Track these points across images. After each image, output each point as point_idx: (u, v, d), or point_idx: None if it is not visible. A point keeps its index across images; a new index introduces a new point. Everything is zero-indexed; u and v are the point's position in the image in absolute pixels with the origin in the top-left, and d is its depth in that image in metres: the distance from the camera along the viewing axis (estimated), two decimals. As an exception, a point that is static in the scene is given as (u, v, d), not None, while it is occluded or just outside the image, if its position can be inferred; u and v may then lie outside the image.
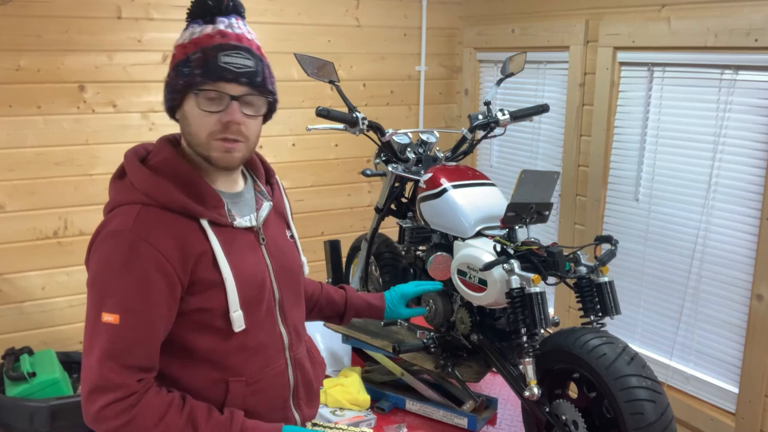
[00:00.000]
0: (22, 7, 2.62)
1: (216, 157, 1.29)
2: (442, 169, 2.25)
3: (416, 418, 2.19)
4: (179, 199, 1.26)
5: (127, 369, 1.22)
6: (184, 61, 1.27)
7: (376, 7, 3.37)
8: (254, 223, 1.39)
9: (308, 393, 1.48)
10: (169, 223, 1.25)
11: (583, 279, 1.86)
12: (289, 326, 1.44)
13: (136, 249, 1.22)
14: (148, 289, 1.22)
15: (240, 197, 1.40)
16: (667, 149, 2.47)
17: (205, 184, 1.32)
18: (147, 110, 2.91)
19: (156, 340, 1.26)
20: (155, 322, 1.24)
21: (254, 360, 1.35)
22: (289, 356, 1.42)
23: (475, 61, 3.49)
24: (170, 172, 1.30)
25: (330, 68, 2.27)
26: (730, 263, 2.27)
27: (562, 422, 1.79)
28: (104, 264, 1.24)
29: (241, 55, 1.26)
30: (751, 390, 2.20)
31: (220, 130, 1.27)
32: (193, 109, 1.28)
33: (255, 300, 1.35)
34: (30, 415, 2.36)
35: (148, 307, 1.22)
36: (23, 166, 2.71)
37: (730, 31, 2.15)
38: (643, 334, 2.63)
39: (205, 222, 1.29)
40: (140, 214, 1.25)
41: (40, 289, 2.81)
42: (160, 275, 1.22)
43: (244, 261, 1.34)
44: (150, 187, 1.27)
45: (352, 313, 1.73)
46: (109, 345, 1.21)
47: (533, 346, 1.79)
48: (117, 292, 1.22)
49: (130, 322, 1.21)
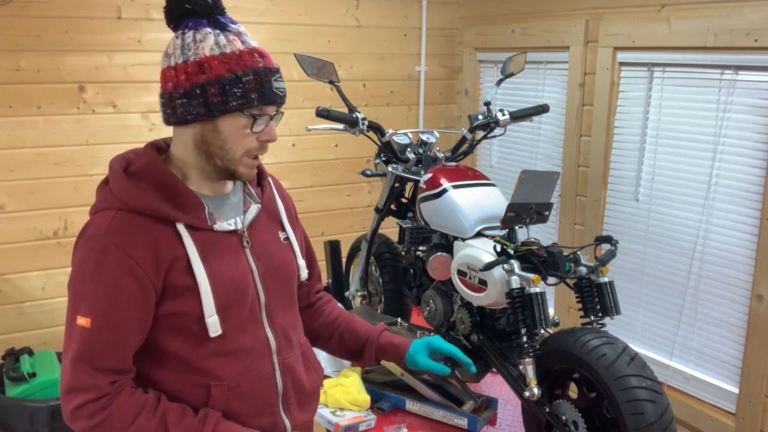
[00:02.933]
0: (22, 7, 2.62)
1: (243, 173, 1.33)
2: (442, 169, 2.25)
3: (416, 418, 2.19)
4: (152, 204, 1.26)
5: (98, 371, 1.23)
6: (235, 80, 1.26)
7: (376, 7, 3.37)
8: (238, 226, 1.37)
9: (300, 398, 1.46)
10: (143, 228, 1.25)
11: (583, 279, 1.86)
12: (277, 330, 1.41)
13: (106, 254, 1.22)
14: (119, 294, 1.23)
15: (225, 200, 1.39)
16: (667, 149, 2.47)
17: (183, 187, 1.32)
18: (147, 110, 2.91)
19: (128, 343, 1.26)
20: (127, 326, 1.24)
21: (235, 364, 1.34)
22: (277, 360, 1.40)
23: (475, 62, 3.49)
24: (148, 176, 1.30)
25: (330, 68, 2.27)
26: (730, 263, 2.27)
27: (562, 422, 1.79)
28: (78, 268, 1.25)
29: (281, 78, 1.32)
30: (751, 390, 2.20)
31: (257, 148, 1.31)
32: (234, 128, 1.29)
33: (234, 304, 1.33)
34: (30, 415, 2.37)
35: (119, 311, 1.23)
36: (23, 167, 2.71)
37: (730, 31, 2.15)
38: (643, 334, 2.63)
39: (181, 226, 1.28)
40: (114, 220, 1.26)
41: (40, 289, 2.81)
42: (131, 279, 1.23)
43: (223, 265, 1.32)
44: (125, 193, 1.28)
45: (373, 349, 1.66)
46: (81, 347, 1.23)
47: (533, 346, 1.79)
48: (89, 297, 1.23)
49: (101, 325, 1.22)
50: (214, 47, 1.28)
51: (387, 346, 1.66)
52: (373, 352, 1.67)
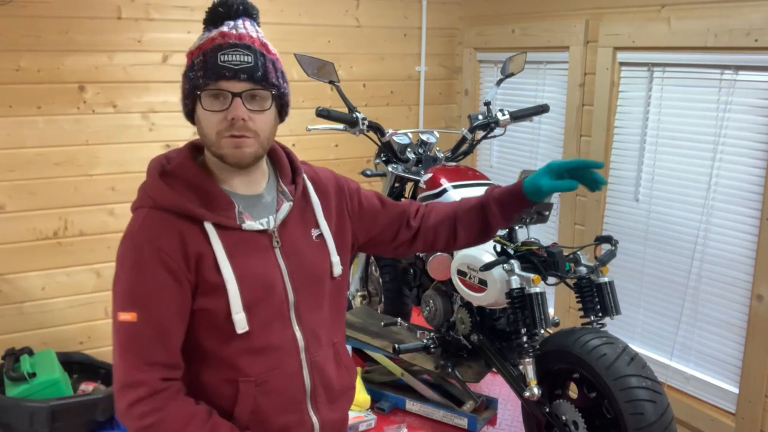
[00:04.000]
0: (22, 7, 2.62)
1: (227, 154, 1.31)
2: (442, 169, 2.25)
3: (416, 418, 2.19)
4: (180, 203, 1.30)
5: (147, 365, 1.26)
6: (190, 66, 1.31)
7: (376, 7, 3.37)
8: (269, 225, 1.38)
9: (330, 397, 1.46)
10: (172, 225, 1.29)
11: (583, 279, 1.86)
12: (306, 329, 1.42)
13: (142, 251, 1.27)
14: (158, 287, 1.26)
15: (259, 199, 1.40)
16: (667, 149, 2.47)
17: (214, 187, 1.34)
18: (147, 110, 2.91)
19: (173, 335, 1.30)
20: (169, 318, 1.28)
21: (262, 361, 1.36)
22: (305, 358, 1.41)
23: (475, 62, 3.49)
24: (180, 176, 1.34)
25: (330, 68, 2.27)
26: (730, 263, 2.27)
27: (562, 422, 1.79)
28: (118, 266, 1.29)
29: (239, 52, 1.28)
30: (751, 390, 2.20)
31: (226, 128, 1.29)
32: (200, 111, 1.31)
33: (261, 302, 1.35)
34: (30, 415, 2.36)
35: (160, 304, 1.27)
36: (23, 167, 2.71)
37: (730, 31, 2.15)
38: (643, 334, 2.63)
39: (208, 224, 1.31)
40: (146, 217, 1.30)
41: (40, 289, 2.81)
42: (167, 273, 1.27)
43: (251, 264, 1.34)
44: (155, 192, 1.32)
45: (496, 211, 1.56)
46: (128, 342, 1.26)
47: (533, 346, 1.79)
48: (130, 292, 1.27)
49: (145, 318, 1.26)
50: (194, 44, 1.34)
51: (504, 196, 1.57)
52: (497, 214, 1.58)
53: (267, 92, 1.31)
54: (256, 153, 1.33)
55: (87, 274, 2.89)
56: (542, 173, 1.51)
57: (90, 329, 2.93)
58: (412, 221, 1.63)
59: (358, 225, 1.56)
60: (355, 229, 1.56)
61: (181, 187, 1.32)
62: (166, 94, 2.94)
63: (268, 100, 1.32)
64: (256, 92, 1.30)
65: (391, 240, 1.62)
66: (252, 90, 1.29)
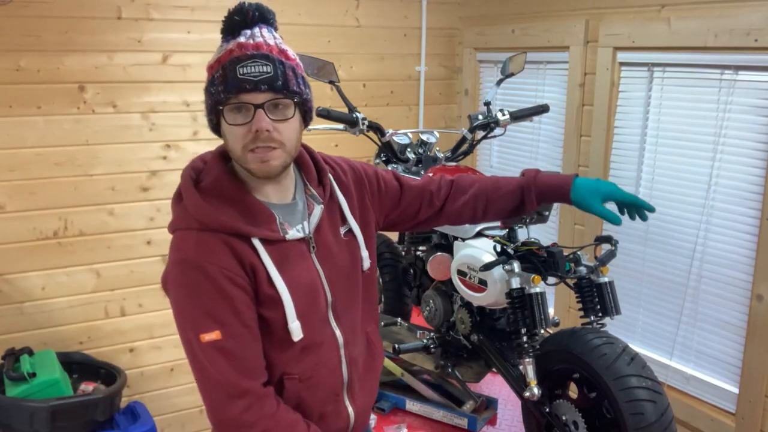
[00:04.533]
0: (22, 7, 2.62)
1: (254, 169, 1.32)
2: (442, 169, 2.25)
3: (416, 418, 2.19)
4: (227, 223, 1.30)
5: (248, 373, 1.30)
6: (211, 81, 1.32)
7: (376, 7, 3.37)
8: (306, 232, 1.40)
9: (363, 385, 1.53)
10: (225, 244, 1.30)
11: (583, 279, 1.86)
12: (344, 325, 1.46)
13: (205, 271, 1.27)
14: (231, 300, 1.28)
15: (294, 207, 1.41)
16: (667, 149, 2.47)
17: (254, 201, 1.35)
18: (147, 110, 2.91)
19: (257, 341, 1.33)
20: (250, 326, 1.32)
21: (307, 360, 1.40)
22: (344, 354, 1.46)
23: (475, 62, 3.49)
24: (220, 193, 1.34)
25: (330, 68, 2.27)
26: (730, 263, 2.27)
27: (562, 422, 1.79)
28: (183, 293, 1.30)
29: (258, 62, 1.27)
30: (751, 390, 2.20)
31: (251, 140, 1.29)
32: (225, 126, 1.31)
33: (310, 308, 1.39)
34: (30, 415, 2.36)
35: (238, 315, 1.29)
36: (23, 167, 2.71)
37: (730, 31, 2.15)
38: (643, 334, 2.63)
39: (256, 241, 1.33)
40: (199, 241, 1.30)
41: (40, 289, 2.81)
42: (235, 287, 1.29)
43: (298, 273, 1.37)
44: (201, 214, 1.31)
45: (536, 195, 1.62)
46: (222, 358, 1.28)
47: (533, 346, 1.79)
48: (206, 313, 1.28)
49: (230, 332, 1.28)
50: (213, 58, 1.34)
51: (549, 191, 1.63)
52: (534, 202, 1.64)
53: (289, 100, 1.31)
54: (283, 163, 1.34)
55: (87, 274, 2.89)
56: (597, 193, 1.58)
57: (90, 329, 2.93)
58: (436, 200, 1.64)
59: (379, 209, 1.58)
60: (377, 214, 1.58)
61: (223, 205, 1.32)
62: (166, 94, 2.94)
63: (291, 108, 1.32)
64: (278, 101, 1.30)
65: (412, 218, 1.65)
66: (274, 100, 1.29)
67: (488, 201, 1.67)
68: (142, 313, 3.03)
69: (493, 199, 1.67)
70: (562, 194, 1.63)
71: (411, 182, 1.64)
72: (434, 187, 1.66)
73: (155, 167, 2.95)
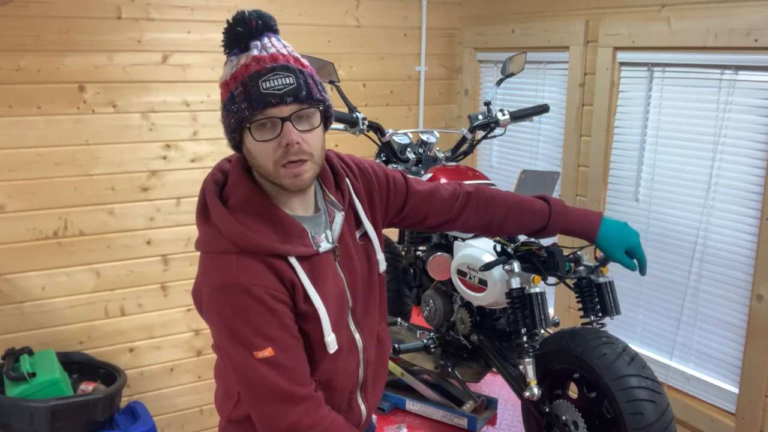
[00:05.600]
0: (22, 7, 2.62)
1: (288, 184, 1.31)
2: (442, 169, 2.25)
3: (416, 418, 2.19)
4: (266, 245, 1.30)
5: (301, 383, 1.33)
6: (230, 99, 1.28)
7: (376, 7, 3.37)
8: (331, 241, 1.41)
9: (375, 384, 1.56)
10: (264, 263, 1.30)
11: (583, 279, 1.85)
12: (363, 330, 1.48)
13: (250, 293, 1.27)
14: (278, 317, 1.30)
15: (319, 219, 1.41)
16: (667, 149, 2.47)
17: (285, 216, 1.35)
18: (147, 110, 2.91)
19: (304, 352, 1.36)
20: (297, 337, 1.34)
21: (328, 365, 1.42)
22: (363, 357, 1.49)
23: (475, 62, 3.49)
24: (252, 212, 1.32)
25: (330, 68, 2.27)
26: (730, 263, 2.27)
27: (562, 422, 1.79)
28: (231, 316, 1.29)
29: (279, 75, 1.25)
30: (751, 390, 2.20)
31: (283, 155, 1.27)
32: (252, 143, 1.29)
33: (340, 318, 1.41)
34: (30, 415, 2.37)
35: (286, 330, 1.31)
36: (23, 166, 2.71)
37: (730, 31, 2.15)
38: (643, 334, 2.63)
39: (293, 260, 1.33)
40: (238, 265, 1.29)
41: (40, 289, 2.81)
42: (277, 303, 1.30)
43: (329, 285, 1.38)
44: (237, 237, 1.30)
45: (555, 231, 1.65)
46: (277, 372, 1.30)
47: (533, 346, 1.79)
48: (257, 332, 1.29)
49: (281, 347, 1.30)
50: (227, 73, 1.30)
51: (571, 227, 1.67)
52: (557, 230, 1.67)
53: (314, 109, 1.30)
54: (313, 175, 1.33)
55: (87, 274, 2.89)
56: (623, 244, 1.66)
57: (90, 329, 2.93)
58: (449, 210, 1.64)
59: (385, 209, 1.58)
60: (383, 214, 1.58)
61: (256, 223, 1.31)
62: (166, 94, 2.94)
63: (317, 117, 1.31)
64: (303, 112, 1.27)
65: (419, 222, 1.64)
66: (299, 111, 1.27)
67: (507, 218, 1.66)
68: (142, 313, 3.03)
69: (513, 216, 1.66)
70: (587, 237, 1.68)
71: (418, 187, 1.62)
72: (447, 195, 1.64)
73: (155, 167, 2.95)
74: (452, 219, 1.64)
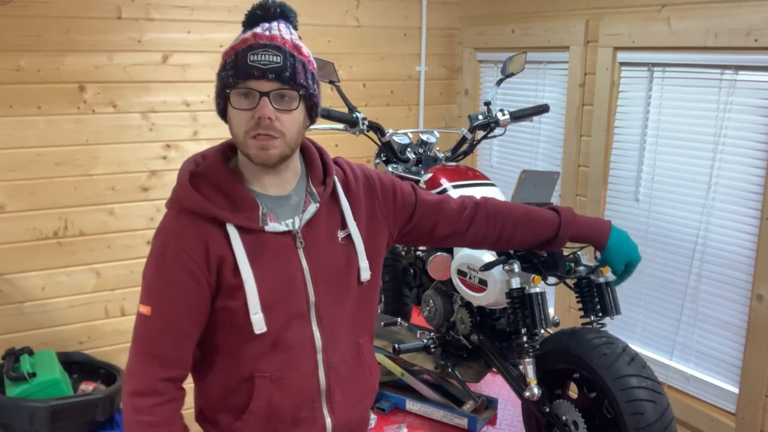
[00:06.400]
0: (22, 7, 2.62)
1: (253, 155, 1.33)
2: (442, 169, 2.25)
3: (416, 418, 2.19)
4: (204, 206, 1.33)
5: (154, 358, 1.33)
6: (223, 66, 1.34)
7: (376, 7, 3.37)
8: (294, 227, 1.40)
9: (346, 396, 1.47)
10: (198, 228, 1.33)
11: (583, 279, 1.85)
12: (325, 328, 1.43)
13: (167, 248, 1.32)
14: (175, 285, 1.32)
15: (287, 200, 1.41)
16: (667, 149, 2.47)
17: (240, 188, 1.36)
18: (147, 110, 2.91)
19: (184, 333, 1.35)
20: (182, 316, 1.33)
21: (279, 358, 1.39)
22: (322, 359, 1.43)
23: (475, 62, 3.49)
24: (209, 178, 1.37)
25: (330, 68, 2.27)
26: (730, 263, 2.27)
27: (562, 422, 1.79)
28: (147, 260, 1.36)
29: (269, 52, 1.30)
30: (751, 390, 2.20)
31: (253, 127, 1.30)
32: (230, 109, 1.33)
33: (281, 302, 1.38)
34: (30, 415, 2.37)
35: (174, 301, 1.32)
36: (23, 166, 2.71)
37: (730, 31, 2.15)
38: (643, 334, 2.63)
39: (230, 227, 1.34)
40: (175, 219, 1.35)
41: (40, 289, 2.81)
42: (186, 273, 1.31)
43: (272, 265, 1.37)
44: (182, 194, 1.36)
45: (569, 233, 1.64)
46: (141, 333, 1.34)
47: (533, 346, 1.79)
48: (150, 287, 1.34)
49: (157, 313, 1.32)
50: (229, 45, 1.36)
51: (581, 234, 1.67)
52: (566, 239, 1.67)
53: (294, 92, 1.32)
54: (281, 153, 1.34)
55: (87, 274, 2.89)
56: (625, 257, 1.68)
57: (90, 329, 2.93)
58: (458, 220, 1.62)
59: (393, 221, 1.56)
60: (390, 226, 1.56)
61: (209, 190, 1.35)
62: (166, 94, 2.94)
63: (296, 101, 1.33)
64: (284, 92, 1.31)
65: (428, 234, 1.62)
66: (280, 90, 1.30)
67: (516, 228, 1.65)
68: (142, 313, 3.03)
69: (523, 226, 1.65)
70: (597, 244, 1.69)
71: (426, 197, 1.61)
72: (455, 205, 1.63)
73: (155, 167, 2.96)
74: (461, 230, 1.63)
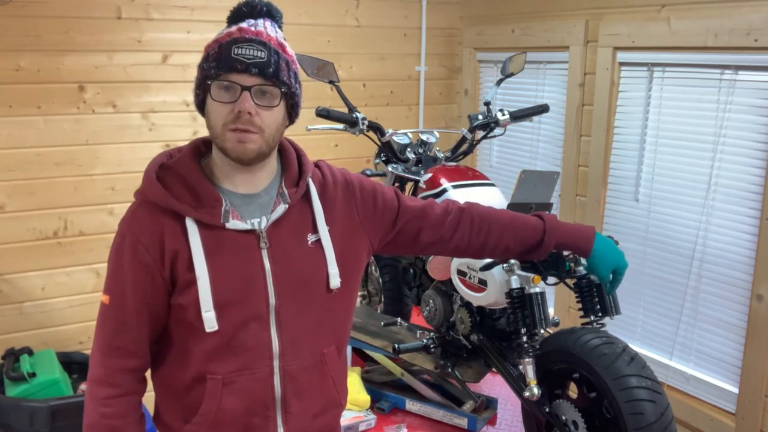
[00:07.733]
0: (22, 7, 2.62)
1: (230, 148, 1.31)
2: (442, 169, 2.25)
3: (416, 418, 2.19)
4: (165, 198, 1.32)
5: (112, 349, 1.34)
6: (205, 58, 1.34)
7: (376, 7, 3.37)
8: (259, 226, 1.36)
9: (304, 408, 1.41)
10: (157, 220, 1.32)
11: (583, 279, 1.85)
12: (285, 334, 1.37)
13: (124, 240, 1.32)
14: (129, 276, 1.31)
15: (254, 199, 1.38)
16: (667, 149, 2.47)
17: (205, 184, 1.34)
18: (147, 110, 2.91)
19: (138, 325, 1.34)
20: (135, 308, 1.33)
21: (232, 360, 1.34)
22: (278, 365, 1.37)
23: (475, 61, 3.49)
24: (175, 171, 1.35)
25: (330, 68, 2.27)
26: (730, 263, 2.27)
27: (562, 422, 1.79)
28: (110, 251, 1.36)
29: (254, 47, 1.29)
30: (751, 390, 2.20)
31: (232, 120, 1.29)
32: (209, 101, 1.32)
33: (237, 302, 1.33)
34: (30, 415, 2.37)
35: (128, 294, 1.32)
36: (23, 166, 2.71)
37: (730, 31, 2.15)
38: (643, 334, 2.63)
39: (189, 221, 1.32)
40: (137, 209, 1.34)
41: (40, 289, 2.81)
42: (141, 265, 1.31)
43: (229, 263, 1.33)
44: (145, 185, 1.34)
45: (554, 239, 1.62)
46: (100, 321, 1.35)
47: (533, 346, 1.79)
48: (109, 276, 1.34)
49: (113, 304, 1.33)
50: (212, 38, 1.36)
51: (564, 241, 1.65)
52: (551, 245, 1.64)
53: (276, 89, 1.31)
54: (259, 149, 1.31)
55: (87, 274, 2.89)
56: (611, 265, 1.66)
57: (90, 329, 2.93)
58: (442, 225, 1.58)
59: (372, 229, 1.50)
60: (369, 234, 1.50)
61: (174, 183, 1.34)
62: (166, 94, 2.94)
63: (277, 98, 1.32)
64: (266, 88, 1.30)
65: (412, 242, 1.57)
66: (262, 85, 1.29)
67: (502, 235, 1.62)
68: (142, 313, 3.03)
69: (509, 232, 1.62)
70: (581, 251, 1.67)
71: (409, 203, 1.57)
72: (439, 210, 1.59)
73: (155, 167, 2.95)
74: (446, 237, 1.58)
